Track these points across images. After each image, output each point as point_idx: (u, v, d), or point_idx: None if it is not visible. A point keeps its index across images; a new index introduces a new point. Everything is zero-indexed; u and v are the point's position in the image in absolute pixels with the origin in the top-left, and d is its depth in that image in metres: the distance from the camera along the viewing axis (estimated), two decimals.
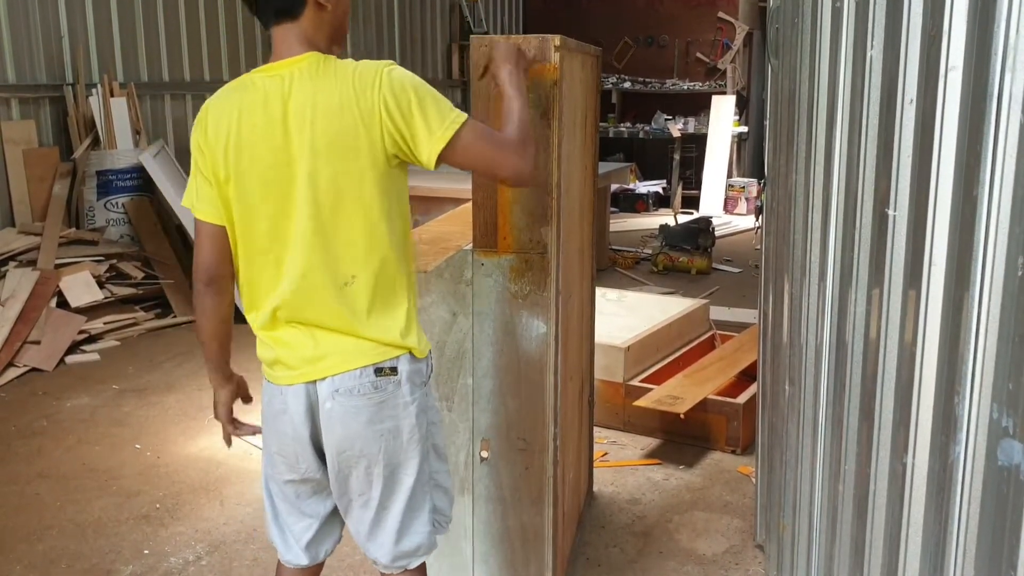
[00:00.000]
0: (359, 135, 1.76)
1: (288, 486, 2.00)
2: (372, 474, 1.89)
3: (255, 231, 1.85)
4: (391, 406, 1.87)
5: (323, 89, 1.77)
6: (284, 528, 2.05)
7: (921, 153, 1.56)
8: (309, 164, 1.77)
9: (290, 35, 1.83)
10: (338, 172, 1.78)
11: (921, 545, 1.58)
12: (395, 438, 1.88)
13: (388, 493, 1.92)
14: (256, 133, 1.80)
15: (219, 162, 1.84)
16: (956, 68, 1.41)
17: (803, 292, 2.41)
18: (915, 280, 1.58)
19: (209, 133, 1.85)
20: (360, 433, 1.85)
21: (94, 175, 6.07)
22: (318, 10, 1.83)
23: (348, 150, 1.77)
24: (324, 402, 1.85)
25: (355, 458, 1.88)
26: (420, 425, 1.91)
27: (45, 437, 4.09)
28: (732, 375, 4.28)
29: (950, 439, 1.42)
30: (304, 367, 1.86)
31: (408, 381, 1.88)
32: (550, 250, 2.34)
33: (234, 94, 1.84)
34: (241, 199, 1.84)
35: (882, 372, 1.75)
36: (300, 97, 1.78)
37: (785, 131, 2.65)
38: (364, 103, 1.76)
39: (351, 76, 1.78)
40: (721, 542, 3.18)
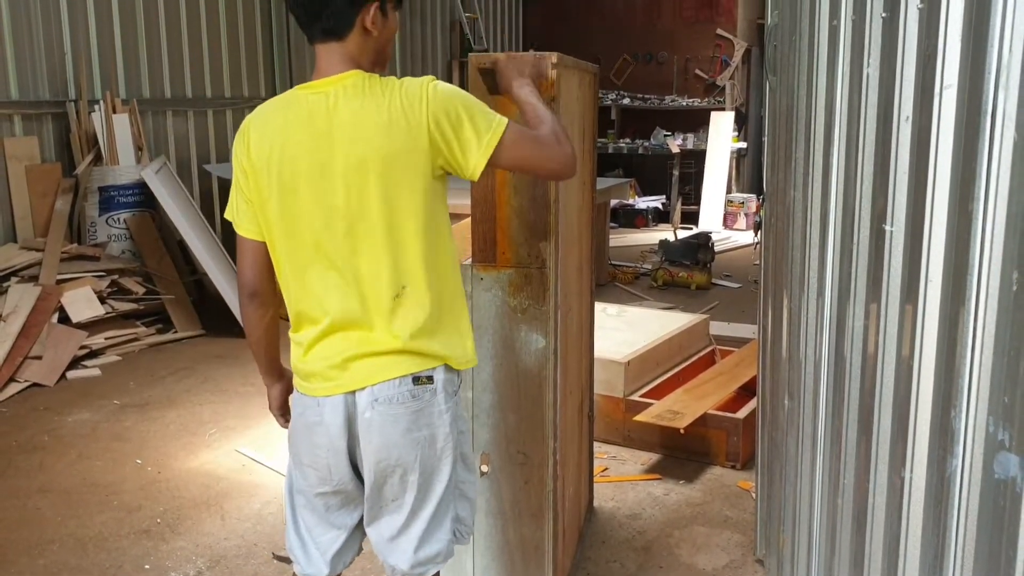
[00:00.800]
0: (408, 149, 1.80)
1: (319, 498, 2.00)
2: (407, 482, 1.92)
3: (301, 246, 1.87)
4: (427, 414, 1.89)
5: (371, 105, 1.81)
6: (307, 541, 2.05)
7: (917, 169, 1.58)
8: (357, 178, 1.81)
9: (334, 54, 1.87)
10: (387, 185, 1.81)
11: (920, 557, 1.59)
12: (431, 446, 1.91)
13: (420, 500, 1.94)
14: (301, 149, 1.83)
15: (262, 180, 1.87)
16: (951, 86, 1.44)
17: (802, 307, 2.43)
18: (912, 295, 1.59)
19: (252, 151, 1.88)
20: (398, 442, 1.88)
21: (96, 191, 6.09)
22: (364, 34, 1.87)
23: (397, 164, 1.80)
24: (363, 412, 1.87)
25: (392, 467, 1.90)
26: (453, 433, 1.94)
27: (46, 452, 4.09)
28: (732, 390, 4.29)
29: (947, 452, 1.44)
30: (342, 378, 1.88)
31: (443, 390, 1.91)
32: (549, 265, 2.36)
33: (278, 111, 1.88)
34: (286, 215, 1.87)
35: (880, 386, 1.77)
36: (346, 113, 1.81)
37: (783, 147, 2.67)
38: (413, 118, 1.80)
39: (398, 92, 1.82)
40: (721, 557, 3.18)
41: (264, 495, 3.64)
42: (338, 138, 1.81)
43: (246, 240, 1.96)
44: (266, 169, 1.86)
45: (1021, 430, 1.23)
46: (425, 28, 10.38)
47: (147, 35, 6.81)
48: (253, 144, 1.88)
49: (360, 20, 1.85)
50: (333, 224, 1.84)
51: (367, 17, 1.85)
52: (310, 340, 1.91)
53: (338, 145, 1.81)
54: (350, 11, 1.84)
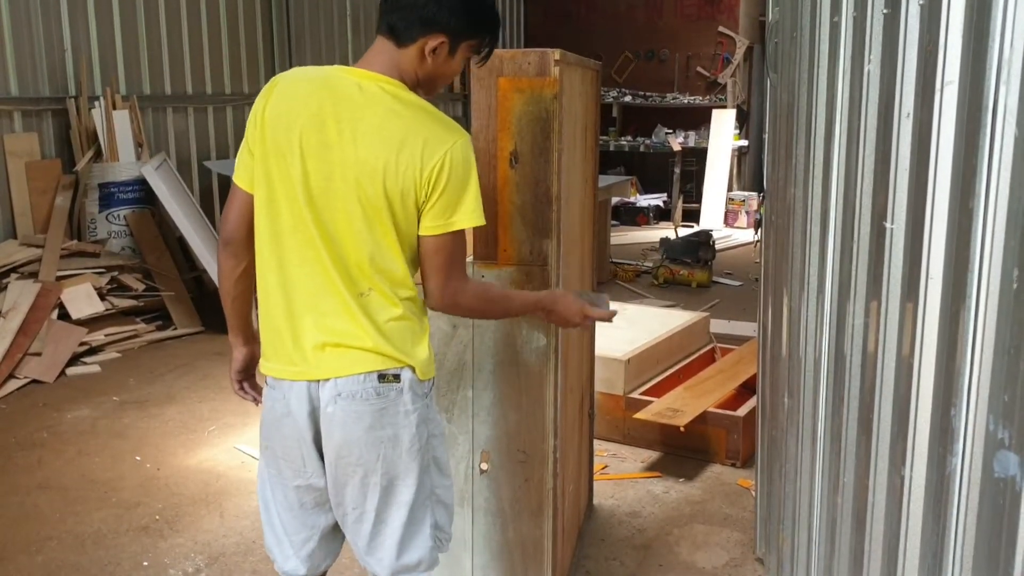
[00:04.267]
0: (408, 173, 1.80)
1: (294, 492, 1.99)
2: (368, 484, 1.89)
3: (282, 211, 1.86)
4: (392, 413, 1.87)
5: (398, 121, 1.81)
6: (282, 538, 2.03)
7: (918, 166, 1.57)
8: (357, 175, 1.80)
9: (386, 54, 1.87)
10: (381, 194, 1.81)
11: (919, 556, 1.59)
12: (394, 447, 1.88)
13: (384, 506, 1.91)
14: (315, 123, 1.82)
15: (268, 136, 1.86)
16: (952, 83, 1.43)
17: (802, 305, 2.42)
18: (912, 292, 1.59)
19: (270, 105, 1.86)
20: (360, 439, 1.86)
21: (96, 187, 6.08)
22: (420, 56, 1.86)
23: (396, 181, 1.80)
24: (326, 406, 1.86)
25: (353, 466, 1.88)
26: (420, 435, 1.91)
27: (45, 449, 4.09)
28: (732, 388, 4.29)
29: (947, 451, 1.43)
30: (305, 364, 1.87)
31: (410, 390, 1.89)
32: (551, 262, 2.35)
33: (309, 80, 1.87)
34: (277, 177, 1.85)
35: (880, 384, 1.76)
36: (372, 112, 1.81)
37: (784, 144, 2.66)
38: (428, 153, 1.80)
39: (429, 123, 1.83)
40: (721, 555, 3.18)
41: None
42: (360, 132, 1.80)
43: (237, 188, 1.95)
44: (275, 127, 1.85)
45: (1021, 429, 1.23)
46: None
47: (147, 31, 6.80)
48: (273, 99, 1.87)
49: (421, 42, 1.85)
50: (322, 206, 1.83)
51: (428, 43, 1.84)
52: (277, 313, 1.89)
53: (348, 135, 1.80)
54: (417, 27, 1.84)
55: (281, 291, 1.88)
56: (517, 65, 2.29)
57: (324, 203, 1.83)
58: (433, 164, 1.80)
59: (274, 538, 2.04)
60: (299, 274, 1.86)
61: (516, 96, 2.30)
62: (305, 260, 1.85)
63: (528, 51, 2.28)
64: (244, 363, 2.17)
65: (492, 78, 2.31)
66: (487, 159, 2.34)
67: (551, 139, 2.30)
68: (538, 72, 2.28)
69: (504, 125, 2.32)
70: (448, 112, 10.86)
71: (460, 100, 11.07)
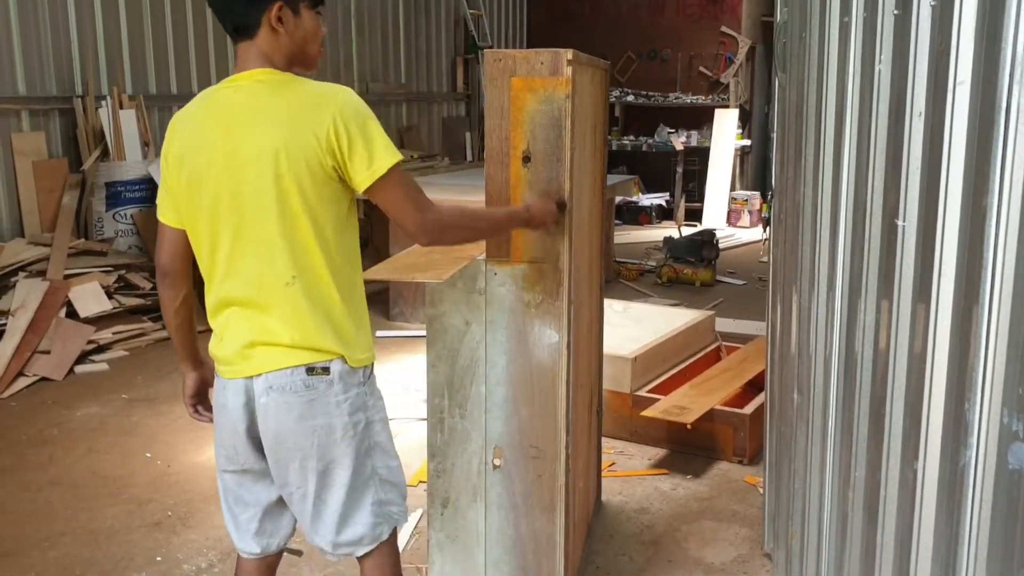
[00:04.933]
0: (307, 145, 1.86)
1: (229, 476, 2.11)
2: (307, 468, 1.99)
3: (206, 231, 1.96)
4: (323, 404, 1.96)
5: (277, 102, 1.90)
6: (234, 519, 2.17)
7: (930, 165, 1.60)
8: (257, 171, 1.89)
9: (249, 52, 1.95)
10: (283, 180, 1.88)
11: (932, 548, 1.61)
12: (328, 434, 1.98)
13: (322, 487, 2.01)
14: (213, 139, 1.92)
15: (181, 168, 1.97)
16: (964, 83, 1.46)
17: (812, 302, 2.44)
18: (924, 289, 1.61)
19: (175, 141, 1.99)
20: (292, 428, 1.96)
21: (103, 186, 6.11)
22: (273, 33, 1.94)
23: (296, 158, 1.87)
24: (259, 397, 1.96)
25: (290, 451, 1.99)
26: (355, 423, 2.00)
27: (56, 445, 4.12)
28: (738, 386, 4.31)
29: (961, 444, 1.46)
30: (240, 363, 1.97)
31: (341, 380, 1.97)
32: (563, 260, 2.37)
33: (198, 104, 1.99)
34: (198, 202, 1.95)
35: (892, 380, 1.79)
36: (254, 108, 1.90)
37: (793, 144, 2.68)
38: (316, 117, 1.87)
39: (306, 93, 1.91)
40: (729, 551, 3.20)
41: None
42: (245, 130, 1.89)
43: (163, 225, 2.07)
44: (181, 158, 1.96)
45: None
46: (430, 25, 10.40)
47: (153, 31, 6.83)
48: (176, 134, 1.99)
49: (265, 19, 1.92)
50: (236, 211, 1.91)
51: (271, 16, 1.92)
52: (219, 325, 2.01)
53: (244, 136, 1.89)
54: (252, 10, 1.92)
55: (221, 302, 1.99)
56: (530, 65, 2.32)
57: (240, 210, 1.92)
58: (326, 128, 1.86)
59: (230, 517, 2.18)
60: (232, 284, 1.96)
61: (529, 96, 2.33)
62: (235, 270, 1.95)
63: (541, 51, 2.31)
64: (195, 387, 2.29)
65: (505, 78, 2.33)
66: (500, 158, 2.37)
67: (563, 138, 2.33)
68: (551, 72, 2.30)
69: (517, 124, 2.34)
70: (451, 111, 10.90)
71: (463, 100, 11.09)
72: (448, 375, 2.50)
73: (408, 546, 3.23)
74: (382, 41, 9.60)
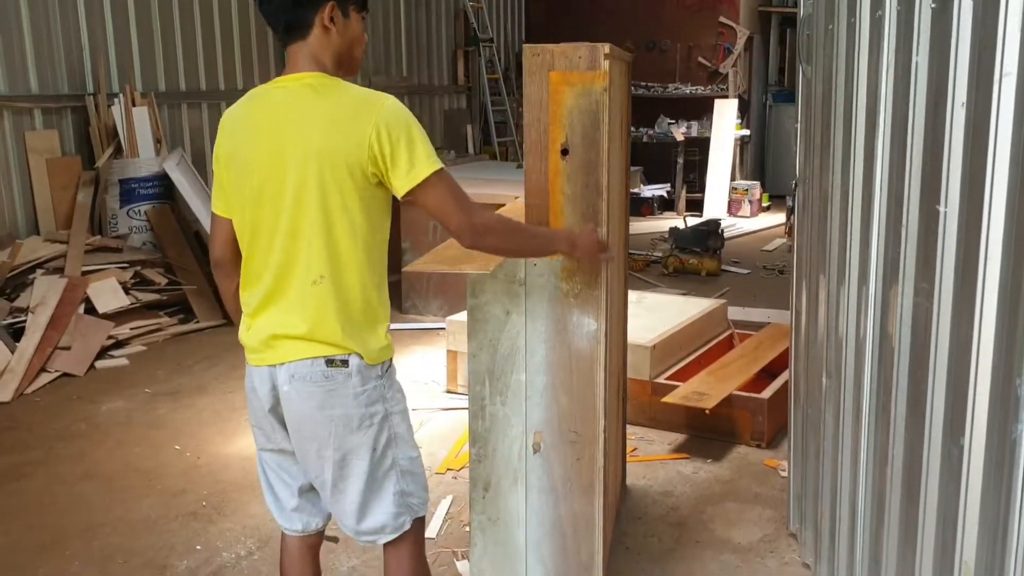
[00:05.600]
0: (348, 150, 1.93)
1: (269, 455, 2.21)
2: (324, 457, 2.07)
3: (249, 227, 2.07)
4: (341, 395, 2.03)
5: (323, 106, 1.97)
6: (277, 496, 2.25)
7: (973, 152, 1.66)
8: (298, 171, 1.96)
9: (300, 54, 2.03)
10: (323, 182, 1.95)
11: (979, 522, 1.69)
12: (345, 425, 2.05)
13: (339, 477, 2.09)
14: (260, 137, 2.01)
15: (231, 163, 2.08)
16: (1011, 73, 1.52)
17: (841, 288, 2.51)
18: (969, 272, 1.68)
19: (224, 137, 2.10)
20: (312, 416, 2.04)
21: (116, 183, 6.15)
22: (324, 31, 2.02)
23: (336, 162, 1.94)
24: (282, 386, 2.05)
25: (308, 439, 2.07)
26: (372, 415, 2.07)
27: (85, 440, 4.17)
28: (754, 372, 4.39)
29: (1010, 419, 1.53)
30: (265, 351, 2.06)
31: (359, 373, 2.04)
32: None
33: (249, 103, 2.08)
34: (240, 196, 2.07)
35: (934, 361, 1.86)
36: (301, 110, 1.98)
37: (820, 134, 2.75)
38: (358, 122, 1.93)
39: (351, 98, 1.98)
40: (755, 531, 3.28)
41: None
42: (290, 130, 1.97)
43: (215, 215, 2.18)
44: (232, 154, 2.07)
45: None
46: (430, 17, 10.44)
47: (162, 29, 6.87)
48: (226, 131, 2.10)
49: (319, 18, 2.00)
50: (276, 209, 2.00)
51: (324, 15, 2.00)
52: (249, 314, 2.11)
53: (289, 137, 1.96)
54: (306, 10, 2.00)
55: (252, 293, 2.09)
56: (568, 59, 2.38)
57: (280, 209, 2.00)
58: (368, 135, 1.92)
59: (271, 497, 2.27)
60: (265, 277, 2.05)
61: (567, 89, 2.39)
62: (269, 264, 2.04)
63: (579, 45, 2.36)
64: None
65: (544, 72, 2.39)
66: (539, 151, 2.43)
67: (601, 131, 2.39)
68: (589, 66, 2.36)
69: (555, 118, 2.40)
70: (452, 104, 10.95)
71: (464, 92, 11.13)
72: (489, 364, 2.56)
73: (442, 531, 3.30)
74: (383, 34, 9.64)
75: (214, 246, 2.23)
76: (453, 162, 8.45)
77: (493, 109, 10.83)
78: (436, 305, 6.14)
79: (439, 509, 3.44)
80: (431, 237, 6.03)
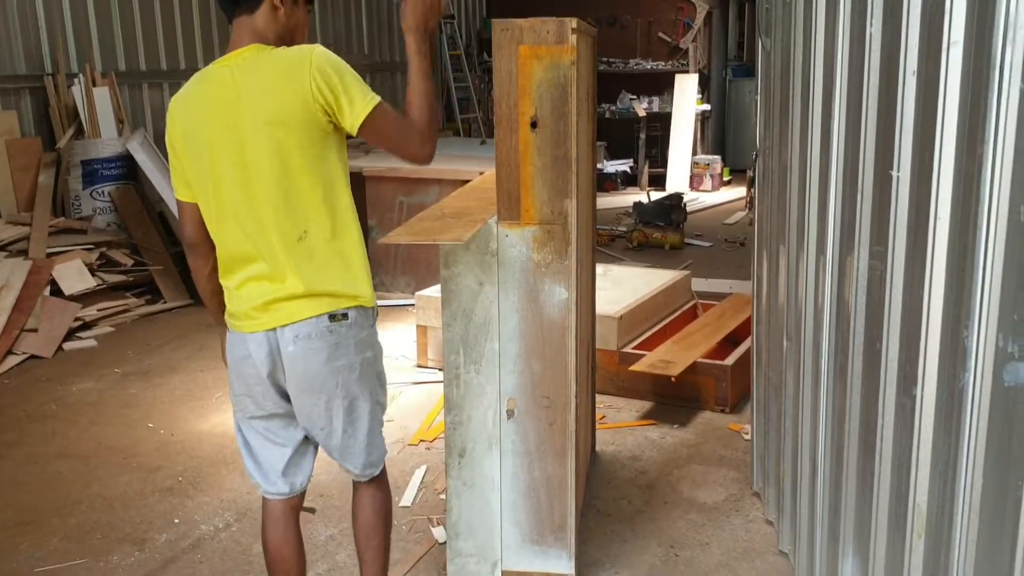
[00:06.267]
0: (296, 107, 2.02)
1: (258, 422, 2.28)
2: (332, 407, 2.19)
3: (217, 201, 2.13)
4: (344, 346, 2.16)
5: (263, 72, 2.06)
6: (260, 462, 2.32)
7: (923, 119, 1.76)
8: (255, 141, 2.05)
9: (244, 29, 2.12)
10: (281, 145, 2.04)
11: (930, 467, 1.79)
12: (350, 372, 2.18)
13: (349, 423, 2.23)
14: (211, 116, 2.09)
15: (185, 147, 2.14)
16: (958, 42, 1.61)
17: (800, 254, 2.61)
18: (920, 233, 1.78)
19: (176, 123, 2.16)
20: (320, 371, 2.14)
21: (79, 164, 6.10)
22: (273, 10, 2.12)
23: (288, 126, 2.03)
24: (287, 347, 2.13)
25: (316, 394, 2.17)
26: (365, 360, 2.22)
27: (57, 420, 4.18)
28: (717, 340, 4.50)
29: (959, 368, 1.63)
30: (262, 316, 2.13)
31: (356, 323, 2.17)
32: (570, 221, 2.51)
33: (192, 87, 2.15)
34: (203, 176, 2.13)
35: (887, 318, 1.96)
36: (246, 81, 2.06)
37: (779, 106, 2.84)
38: (296, 81, 2.02)
39: (282, 57, 2.07)
40: (720, 491, 3.40)
41: None
42: (239, 105, 2.05)
43: (180, 202, 2.24)
44: (184, 137, 2.14)
45: None
46: None
47: (120, 7, 6.79)
48: (176, 116, 2.16)
49: None
50: (241, 182, 2.08)
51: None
52: (235, 285, 2.17)
53: (239, 111, 2.05)
54: None
55: (233, 264, 2.17)
56: (536, 34, 2.44)
57: (245, 180, 2.08)
58: (308, 86, 2.01)
59: (254, 465, 2.33)
60: (244, 247, 2.13)
61: (535, 63, 2.45)
62: (245, 235, 2.11)
63: (547, 20, 2.43)
64: None
65: (512, 46, 2.45)
66: (509, 124, 2.49)
67: (569, 104, 2.46)
68: (557, 40, 2.43)
69: (525, 91, 2.47)
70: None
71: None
72: (463, 333, 2.63)
73: (416, 499, 3.37)
74: (344, 12, 9.60)
75: (184, 229, 2.27)
76: None
77: (456, 86, 10.83)
78: (404, 282, 6.19)
79: (413, 479, 3.51)
80: (397, 214, 6.08)
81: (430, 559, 2.99)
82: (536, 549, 2.75)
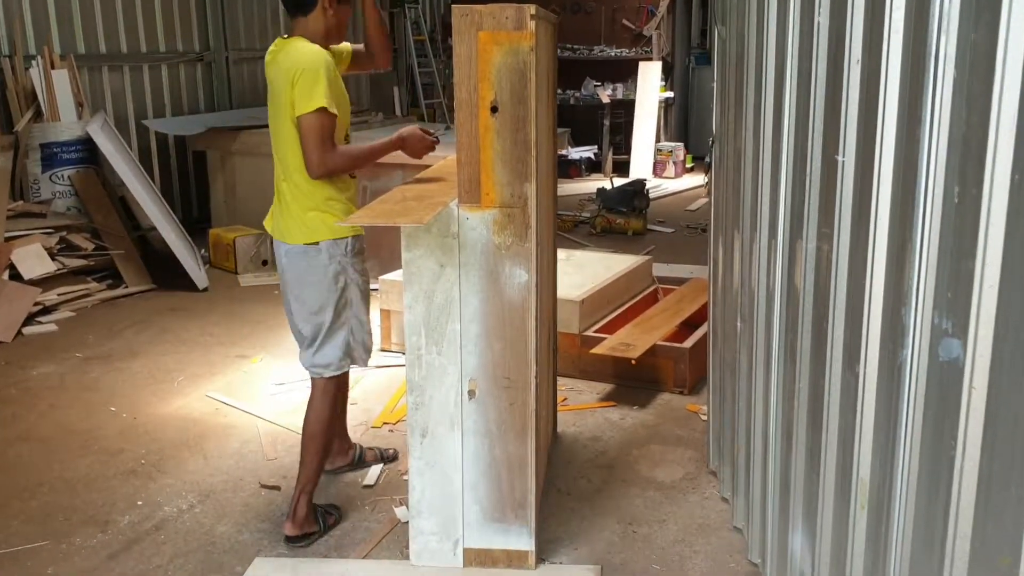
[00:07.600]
0: (287, 89, 2.78)
1: None
2: (302, 308, 2.96)
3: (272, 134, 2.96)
4: (316, 266, 2.90)
5: (282, 59, 2.83)
6: None
7: (867, 105, 1.82)
8: (276, 102, 2.86)
9: (298, 26, 2.90)
10: (287, 108, 2.79)
11: (872, 440, 1.87)
12: (317, 286, 2.91)
13: (305, 324, 2.98)
14: (270, 78, 2.92)
15: None
16: (898, 32, 1.68)
17: (755, 237, 2.68)
18: (863, 213, 1.84)
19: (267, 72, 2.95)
20: (298, 279, 2.94)
21: (38, 148, 6.04)
22: (322, 12, 2.89)
23: (288, 96, 2.78)
24: (281, 258, 2.98)
25: (294, 296, 2.96)
26: (337, 283, 2.93)
27: (17, 404, 4.16)
28: (676, 323, 4.58)
29: (898, 345, 1.70)
30: (276, 230, 2.99)
31: (327, 251, 2.89)
32: (530, 204, 2.56)
33: (270, 52, 2.94)
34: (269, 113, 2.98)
35: (833, 298, 2.03)
36: (276, 62, 2.86)
37: (733, 93, 2.90)
38: (292, 69, 2.77)
39: (292, 53, 2.81)
40: (677, 470, 3.47)
41: (242, 435, 3.80)
42: (275, 76, 2.84)
43: None
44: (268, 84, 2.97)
45: (962, 319, 1.49)
46: None
47: None
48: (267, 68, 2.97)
49: (321, 2, 2.86)
50: (274, 128, 2.91)
51: (325, 1, 2.86)
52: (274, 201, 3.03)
53: (273, 80, 2.87)
54: None
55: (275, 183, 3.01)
56: (496, 20, 2.47)
57: (275, 127, 2.90)
58: (294, 69, 2.76)
59: None
60: (277, 171, 2.97)
61: (495, 48, 2.49)
62: (276, 162, 2.96)
63: (506, 6, 2.46)
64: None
65: (472, 32, 2.48)
66: (469, 108, 2.53)
67: (529, 89, 2.50)
68: (516, 26, 2.46)
69: (484, 76, 2.50)
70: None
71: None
72: (424, 315, 2.67)
73: (380, 480, 3.41)
74: None
75: None
76: (381, 124, 8.45)
77: (420, 71, 10.81)
78: (368, 266, 6.19)
79: None
80: (361, 198, 6.07)
81: (393, 538, 3.04)
82: (497, 527, 2.80)
